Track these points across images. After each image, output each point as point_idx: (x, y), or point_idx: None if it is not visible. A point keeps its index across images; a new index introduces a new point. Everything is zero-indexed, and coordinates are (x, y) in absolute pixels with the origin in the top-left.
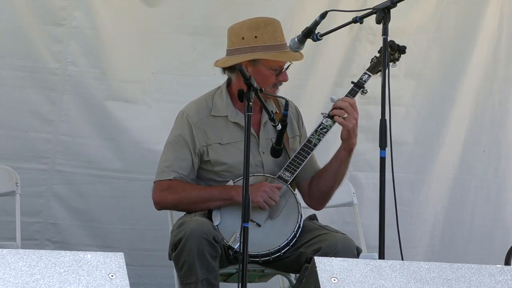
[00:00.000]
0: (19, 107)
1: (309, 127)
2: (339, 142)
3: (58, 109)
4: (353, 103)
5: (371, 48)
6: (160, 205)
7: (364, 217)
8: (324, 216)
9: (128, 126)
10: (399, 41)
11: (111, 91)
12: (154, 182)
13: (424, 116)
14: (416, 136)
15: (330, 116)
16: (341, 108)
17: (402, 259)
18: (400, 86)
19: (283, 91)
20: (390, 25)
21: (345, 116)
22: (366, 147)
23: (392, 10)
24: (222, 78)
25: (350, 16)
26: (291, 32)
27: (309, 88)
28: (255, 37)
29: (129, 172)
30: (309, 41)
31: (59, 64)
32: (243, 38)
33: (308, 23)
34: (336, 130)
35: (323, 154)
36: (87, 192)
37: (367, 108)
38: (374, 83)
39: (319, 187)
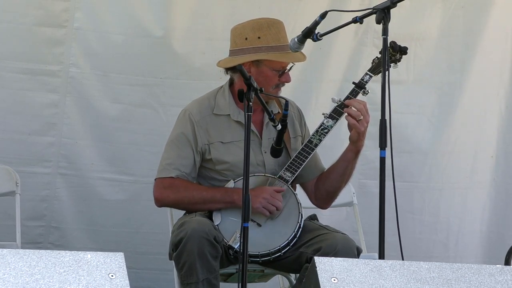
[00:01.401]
0: (21, 110)
1: None
2: (344, 143)
3: (61, 111)
4: (366, 106)
5: (377, 52)
6: (160, 202)
7: (373, 224)
8: (334, 224)
9: (132, 129)
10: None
11: (115, 94)
12: (155, 179)
13: (434, 124)
14: (427, 145)
15: (331, 116)
16: (354, 108)
17: (403, 259)
18: (409, 94)
19: (289, 94)
20: (397, 31)
21: (360, 118)
22: (375, 154)
23: (399, 17)
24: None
25: (352, 17)
26: (293, 33)
27: (315, 92)
28: (259, 37)
29: (132, 175)
30: (315, 45)
31: (61, 66)
32: (246, 39)
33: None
34: (340, 131)
35: (329, 154)
36: (90, 195)
37: (375, 115)
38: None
39: (326, 187)
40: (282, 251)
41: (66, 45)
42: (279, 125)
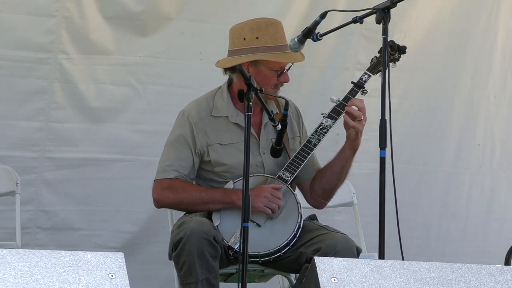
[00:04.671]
0: (10, 96)
1: None
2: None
3: (49, 97)
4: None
5: (365, 43)
6: (160, 203)
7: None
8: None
9: (114, 109)
10: (393, 37)
11: (97, 75)
12: (154, 180)
13: (417, 109)
14: (408, 129)
15: (330, 116)
16: (355, 107)
17: (403, 259)
18: (393, 79)
19: None
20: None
21: (360, 118)
22: None
23: None
24: (209, 63)
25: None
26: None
27: (297, 77)
28: (257, 38)
29: (115, 153)
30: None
31: (51, 53)
32: (244, 39)
33: (300, 22)
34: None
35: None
36: (75, 176)
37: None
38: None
39: (323, 186)
40: (282, 251)
41: (56, 33)
42: (279, 125)
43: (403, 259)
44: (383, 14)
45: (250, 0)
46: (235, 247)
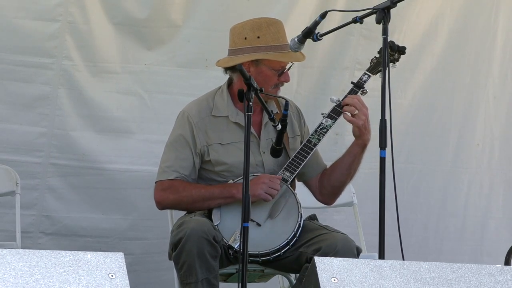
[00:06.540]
0: (14, 100)
1: None
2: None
3: (53, 103)
4: (360, 99)
5: (365, 42)
6: (161, 205)
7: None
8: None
9: (120, 118)
10: (393, 37)
11: (103, 83)
12: (155, 182)
13: (416, 108)
14: (407, 128)
15: (330, 116)
16: (349, 105)
17: (403, 259)
18: (392, 79)
19: None
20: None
21: (355, 113)
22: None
23: None
24: (215, 71)
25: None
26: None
27: (297, 76)
28: (258, 37)
29: (122, 163)
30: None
31: (54, 59)
32: (245, 38)
33: (299, 22)
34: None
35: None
36: (81, 184)
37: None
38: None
39: (331, 183)
40: (282, 251)
41: (60, 38)
42: (279, 125)
43: (403, 259)
44: (383, 14)
45: (257, 9)
46: (235, 246)
